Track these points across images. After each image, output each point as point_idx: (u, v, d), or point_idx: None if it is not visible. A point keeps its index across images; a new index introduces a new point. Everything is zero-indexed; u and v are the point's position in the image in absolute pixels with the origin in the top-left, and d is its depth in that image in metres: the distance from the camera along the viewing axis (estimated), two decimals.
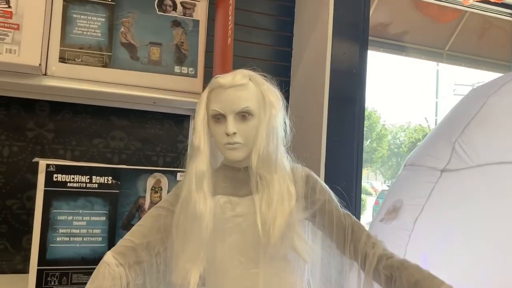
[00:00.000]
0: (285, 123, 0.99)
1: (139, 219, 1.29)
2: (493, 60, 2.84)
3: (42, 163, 1.23)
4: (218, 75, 0.98)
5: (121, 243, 0.98)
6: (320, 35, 1.72)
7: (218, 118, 0.95)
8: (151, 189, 1.33)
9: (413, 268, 0.90)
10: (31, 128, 1.53)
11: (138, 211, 1.31)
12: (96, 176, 1.28)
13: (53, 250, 1.23)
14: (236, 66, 1.79)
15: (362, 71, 1.85)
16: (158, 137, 1.68)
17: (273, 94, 0.98)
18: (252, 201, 0.95)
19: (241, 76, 0.96)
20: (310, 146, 1.66)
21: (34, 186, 1.48)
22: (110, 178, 1.29)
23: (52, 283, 1.22)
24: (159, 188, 1.34)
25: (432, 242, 1.16)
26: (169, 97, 1.45)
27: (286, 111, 1.01)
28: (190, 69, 1.46)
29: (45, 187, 1.23)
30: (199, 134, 0.96)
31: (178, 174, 1.36)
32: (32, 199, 1.50)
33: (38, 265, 1.21)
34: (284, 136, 0.99)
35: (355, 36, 1.84)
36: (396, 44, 2.69)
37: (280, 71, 1.92)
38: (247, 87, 0.96)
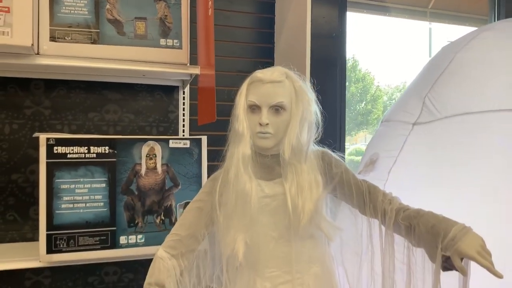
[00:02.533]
0: (316, 118, 1.10)
1: (137, 184, 1.41)
2: (474, 15, 2.89)
3: (43, 137, 1.32)
4: (258, 70, 1.08)
5: (169, 238, 1.09)
6: (301, 0, 1.78)
7: (253, 108, 1.05)
8: (146, 156, 1.43)
9: (428, 215, 1.01)
10: (28, 106, 1.62)
11: (135, 176, 1.42)
12: (94, 146, 1.37)
13: (59, 216, 1.34)
14: (219, 36, 1.86)
15: (342, 33, 1.92)
16: (150, 108, 1.77)
17: (306, 92, 1.08)
18: (278, 185, 1.07)
19: (278, 73, 1.06)
20: None
21: (36, 160, 1.59)
22: (107, 147, 1.38)
23: (61, 246, 1.34)
24: (154, 155, 1.44)
25: (404, 190, 1.27)
26: (157, 69, 1.52)
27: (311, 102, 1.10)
28: (175, 41, 1.53)
29: (47, 159, 1.32)
30: (241, 121, 1.06)
31: (170, 141, 1.46)
32: (35, 172, 1.61)
33: (47, 231, 1.32)
34: (315, 129, 1.10)
35: (334, 0, 1.90)
36: (378, 5, 2.72)
37: (265, 38, 1.99)
38: (283, 84, 1.06)
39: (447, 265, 0.98)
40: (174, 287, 1.05)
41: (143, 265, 1.73)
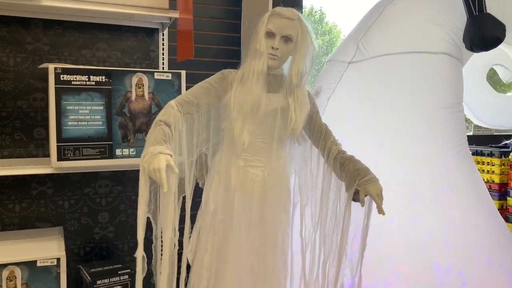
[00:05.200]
0: (314, 55, 1.43)
1: (128, 108, 1.74)
2: None
3: (51, 66, 1.62)
4: (278, 7, 1.41)
5: (180, 97, 1.40)
6: None
7: (269, 34, 1.38)
8: (135, 85, 1.75)
9: (357, 161, 1.44)
10: (29, 42, 1.88)
11: (127, 102, 1.74)
12: (93, 75, 1.68)
13: (67, 131, 1.66)
14: None
15: None
16: (134, 48, 2.06)
17: (309, 33, 1.41)
18: (275, 98, 1.42)
19: (292, 13, 1.39)
20: None
21: (37, 89, 1.88)
22: (103, 77, 1.69)
23: (68, 155, 1.67)
24: (142, 85, 1.76)
25: (339, 114, 1.67)
26: (142, 12, 1.81)
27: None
28: None
29: (55, 85, 1.62)
30: (261, 41, 1.37)
31: (155, 73, 1.78)
32: (37, 99, 1.90)
33: (57, 143, 1.65)
34: (310, 65, 1.43)
35: None
36: None
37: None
38: (294, 22, 1.39)
39: (355, 197, 1.42)
40: (175, 132, 1.36)
41: (131, 179, 2.10)
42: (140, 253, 1.30)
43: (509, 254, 1.79)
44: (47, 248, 1.72)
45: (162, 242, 1.35)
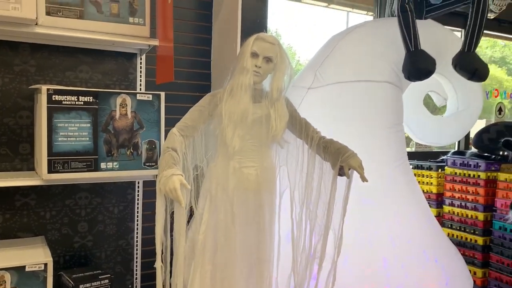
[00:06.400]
0: (290, 75, 1.72)
1: (113, 125, 1.93)
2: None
3: (44, 88, 1.78)
4: (262, 33, 1.70)
5: (180, 124, 1.65)
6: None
7: (254, 55, 1.65)
8: (119, 105, 1.95)
9: (337, 142, 1.73)
10: (17, 64, 2.03)
11: (111, 120, 1.93)
12: (82, 96, 1.86)
13: (57, 146, 1.82)
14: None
15: (263, 20, 2.52)
16: (114, 70, 2.25)
17: (286, 56, 1.71)
18: (260, 108, 1.68)
19: (274, 39, 1.69)
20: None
21: (24, 108, 2.03)
22: (91, 97, 1.88)
23: (58, 168, 1.83)
24: (125, 104, 1.96)
25: None
26: (125, 40, 2.02)
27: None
28: (140, 19, 2.03)
29: (47, 104, 1.79)
30: (247, 60, 1.64)
31: (138, 95, 1.98)
32: (23, 117, 2.05)
33: (48, 157, 1.81)
34: (288, 82, 1.73)
35: None
36: None
37: (203, 18, 2.53)
38: (275, 46, 1.68)
39: (340, 172, 1.68)
40: (180, 154, 1.59)
41: (109, 191, 2.27)
42: (158, 264, 1.50)
43: (443, 251, 2.11)
44: (34, 255, 1.86)
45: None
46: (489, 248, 2.59)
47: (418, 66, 1.95)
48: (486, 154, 2.79)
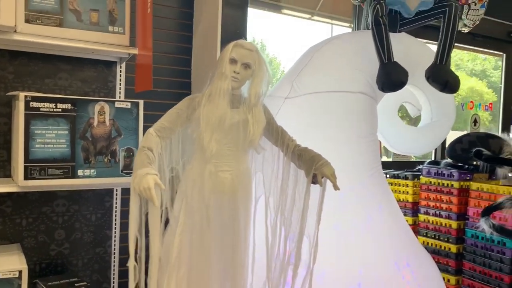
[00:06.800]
0: (268, 81, 1.76)
1: (91, 133, 1.94)
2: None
3: (22, 94, 1.79)
4: (240, 40, 1.73)
5: (157, 125, 1.64)
6: (213, 7, 2.37)
7: (232, 61, 1.68)
8: (98, 113, 1.96)
9: (311, 150, 1.75)
10: None
11: (90, 127, 1.94)
12: (60, 103, 1.87)
13: (33, 153, 1.83)
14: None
15: (243, 30, 2.56)
16: (94, 78, 2.27)
17: (264, 63, 1.75)
18: (237, 113, 1.70)
19: (252, 46, 1.73)
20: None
21: (1, 114, 2.03)
22: (69, 105, 1.89)
23: (35, 175, 1.83)
24: (103, 112, 1.97)
25: None
26: (104, 48, 2.04)
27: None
28: (120, 28, 2.06)
29: (25, 111, 1.80)
30: (226, 67, 1.67)
31: (116, 103, 2.00)
32: (0, 124, 2.05)
33: (24, 163, 1.81)
34: (266, 88, 1.77)
35: (238, 6, 2.53)
36: (274, 4, 3.40)
37: (184, 27, 2.56)
38: (253, 53, 1.71)
39: (314, 180, 1.71)
40: (156, 154, 1.59)
41: (86, 199, 2.27)
42: (131, 263, 1.50)
43: (416, 258, 2.16)
44: (9, 262, 1.85)
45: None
46: (462, 255, 2.65)
47: (391, 77, 2.01)
48: (460, 164, 2.86)
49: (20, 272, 1.81)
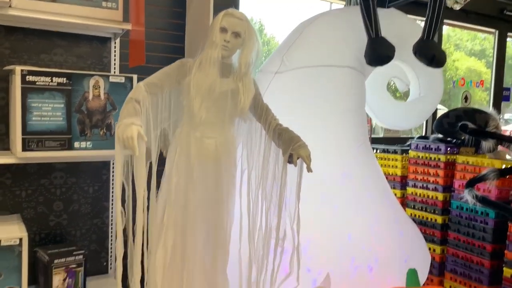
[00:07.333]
0: (258, 50, 1.80)
1: (86, 106, 2.00)
2: None
3: (18, 68, 1.84)
4: (231, 9, 1.76)
5: (147, 80, 1.69)
6: None
7: (223, 30, 1.72)
8: (93, 87, 2.02)
9: (291, 131, 1.81)
10: None
11: (85, 101, 2.00)
12: (55, 77, 1.92)
13: (31, 126, 1.89)
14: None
15: (236, 6, 2.60)
16: (89, 54, 2.31)
17: (254, 33, 1.78)
18: (229, 82, 1.76)
19: (242, 15, 1.76)
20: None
21: None
22: (65, 79, 1.94)
23: (32, 147, 1.90)
24: (98, 86, 2.03)
25: None
26: (98, 23, 2.08)
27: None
28: (113, 3, 2.09)
29: (21, 85, 1.85)
30: (217, 35, 1.71)
31: (110, 77, 2.05)
32: None
33: (22, 135, 1.87)
34: (255, 58, 1.80)
35: None
36: None
37: (177, 3, 2.59)
38: (243, 22, 1.76)
39: (290, 160, 1.78)
40: (144, 108, 1.63)
41: (84, 171, 2.34)
42: (118, 209, 1.57)
43: (402, 228, 2.25)
44: (10, 230, 1.93)
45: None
46: (447, 226, 2.75)
47: (378, 52, 2.07)
48: (448, 139, 2.94)
49: (21, 239, 1.89)
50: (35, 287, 2.12)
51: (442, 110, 3.77)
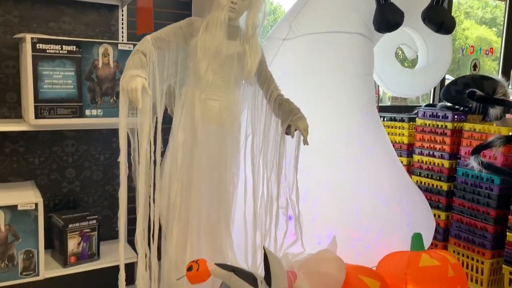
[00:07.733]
0: (264, 14, 1.79)
1: (96, 74, 2.02)
2: None
3: (28, 36, 1.86)
4: None
5: (155, 34, 1.70)
6: None
7: None
8: (102, 55, 2.03)
9: (292, 102, 1.82)
10: (1, 14, 2.08)
11: (95, 69, 2.02)
12: (65, 45, 1.94)
13: (42, 93, 1.92)
14: None
15: None
16: (97, 22, 2.31)
17: None
18: (236, 44, 1.76)
19: None
20: None
21: (9, 57, 2.10)
22: (74, 47, 1.96)
23: (45, 114, 1.93)
24: (107, 54, 2.04)
25: (276, 80, 2.05)
26: None
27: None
28: None
29: (32, 52, 1.87)
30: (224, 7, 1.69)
31: (119, 45, 2.06)
32: (9, 67, 2.12)
33: (34, 103, 1.90)
34: (262, 19, 1.79)
35: None
36: None
37: None
38: None
39: (287, 131, 1.80)
40: (150, 61, 1.66)
41: (95, 139, 2.38)
42: (122, 158, 1.63)
43: (407, 194, 2.29)
44: (25, 196, 1.99)
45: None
46: (452, 193, 2.78)
47: (387, 18, 2.05)
48: (456, 107, 2.94)
49: (36, 204, 1.95)
50: (51, 250, 2.20)
51: (450, 80, 3.76)
